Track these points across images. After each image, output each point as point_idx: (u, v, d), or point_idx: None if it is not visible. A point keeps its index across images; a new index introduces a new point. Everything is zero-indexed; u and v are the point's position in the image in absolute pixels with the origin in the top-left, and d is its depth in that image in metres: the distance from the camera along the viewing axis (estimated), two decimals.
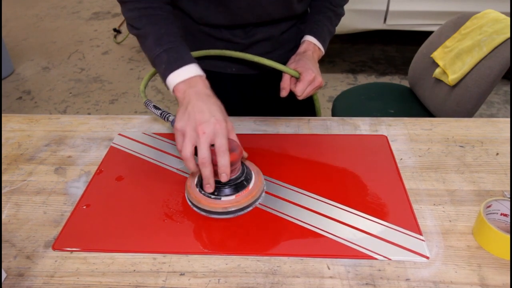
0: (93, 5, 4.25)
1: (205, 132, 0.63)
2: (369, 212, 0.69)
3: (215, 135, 0.64)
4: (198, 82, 0.71)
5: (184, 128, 0.65)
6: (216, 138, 0.64)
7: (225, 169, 0.64)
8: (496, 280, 0.58)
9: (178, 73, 0.71)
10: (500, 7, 1.69)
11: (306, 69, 0.84)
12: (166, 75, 0.72)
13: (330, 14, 0.95)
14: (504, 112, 2.43)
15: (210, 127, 0.64)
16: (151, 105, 0.82)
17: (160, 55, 0.74)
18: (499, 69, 1.24)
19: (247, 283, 0.59)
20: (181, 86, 0.71)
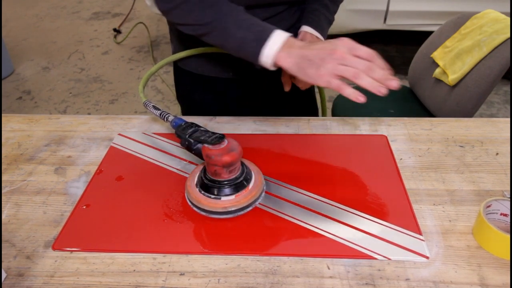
0: (93, 5, 4.25)
1: (343, 53, 0.65)
2: (369, 212, 0.69)
3: (350, 49, 0.65)
4: (293, 41, 0.70)
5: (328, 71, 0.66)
6: (352, 50, 0.65)
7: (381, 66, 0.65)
8: (496, 280, 0.58)
9: (271, 43, 0.70)
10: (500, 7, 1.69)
11: None
12: (259, 52, 0.71)
13: (326, 2, 0.92)
14: (504, 112, 2.43)
15: (340, 50, 0.65)
16: (151, 105, 0.82)
17: (245, 36, 0.72)
18: (499, 69, 1.24)
19: (247, 283, 0.59)
20: (282, 54, 0.70)
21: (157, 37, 3.52)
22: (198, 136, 0.70)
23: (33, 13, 4.10)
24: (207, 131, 0.72)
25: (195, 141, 0.70)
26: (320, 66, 0.66)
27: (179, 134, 0.73)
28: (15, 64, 3.11)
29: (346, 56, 0.65)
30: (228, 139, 0.69)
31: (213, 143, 0.67)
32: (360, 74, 0.65)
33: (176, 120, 0.76)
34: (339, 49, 0.65)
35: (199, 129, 0.73)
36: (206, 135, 0.70)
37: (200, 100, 1.04)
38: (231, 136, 0.71)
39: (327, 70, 0.66)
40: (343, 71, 0.66)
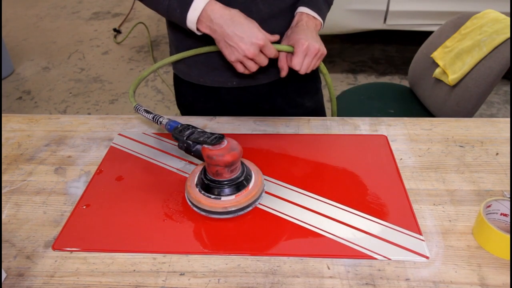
0: (93, 5, 4.25)
1: (252, 55, 0.74)
2: (369, 212, 0.69)
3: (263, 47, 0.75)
4: (214, 9, 0.74)
5: (238, 59, 0.76)
6: (265, 49, 0.75)
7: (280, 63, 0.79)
8: (496, 280, 0.58)
9: (192, 9, 0.74)
10: (500, 7, 1.68)
11: (297, 40, 0.80)
12: (184, 17, 0.75)
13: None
14: (504, 112, 2.43)
15: (255, 49, 0.74)
16: (142, 109, 0.82)
17: (170, 4, 0.76)
18: (499, 69, 1.24)
19: (247, 283, 0.59)
20: (202, 21, 0.75)
21: (157, 37, 3.52)
22: (196, 137, 0.70)
23: (33, 13, 4.09)
24: (205, 132, 0.71)
25: (193, 143, 0.70)
26: (233, 53, 0.75)
27: (176, 136, 0.73)
28: (15, 64, 3.11)
29: (254, 58, 0.75)
30: (228, 139, 0.69)
31: (213, 143, 0.67)
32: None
33: (170, 122, 0.76)
34: (250, 51, 0.74)
35: (196, 130, 0.73)
36: (205, 136, 0.70)
37: (202, 109, 1.03)
38: (231, 136, 0.71)
39: (236, 58, 0.76)
40: (248, 67, 0.77)
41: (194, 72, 0.97)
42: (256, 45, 0.74)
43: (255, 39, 0.73)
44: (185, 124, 0.75)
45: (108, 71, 3.03)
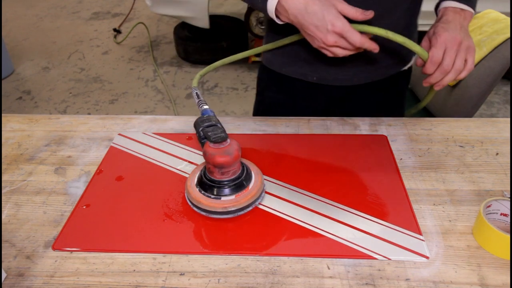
0: (93, 5, 4.25)
1: (335, 42, 0.69)
2: (369, 212, 0.69)
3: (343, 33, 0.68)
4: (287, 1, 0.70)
5: (320, 47, 0.72)
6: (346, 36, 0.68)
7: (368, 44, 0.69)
8: (496, 280, 0.58)
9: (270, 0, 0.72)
10: (500, 7, 1.68)
11: (435, 32, 0.72)
12: (265, 9, 0.73)
13: None
14: (504, 112, 2.43)
15: (333, 37, 0.69)
16: (195, 92, 0.84)
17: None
18: (499, 69, 1.24)
19: (247, 283, 0.59)
20: (281, 12, 0.72)
21: (157, 37, 3.52)
22: (207, 131, 0.70)
23: (33, 13, 4.09)
24: (220, 129, 0.71)
25: (203, 135, 0.71)
26: (313, 41, 0.72)
27: (196, 125, 0.74)
28: (15, 64, 3.11)
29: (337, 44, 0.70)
30: (231, 141, 0.69)
31: (215, 141, 0.67)
32: None
33: (204, 111, 0.77)
34: (328, 40, 0.69)
35: (216, 125, 0.73)
36: (215, 132, 0.70)
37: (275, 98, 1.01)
38: (232, 136, 0.71)
39: (319, 46, 0.72)
40: (334, 53, 0.72)
41: (278, 61, 0.96)
42: (332, 32, 0.68)
43: (331, 26, 0.68)
44: (212, 116, 0.76)
45: (108, 71, 3.03)
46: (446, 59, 0.71)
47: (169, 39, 3.44)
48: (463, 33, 0.73)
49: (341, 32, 0.68)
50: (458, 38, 0.71)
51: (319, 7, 0.68)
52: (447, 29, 0.72)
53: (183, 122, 0.94)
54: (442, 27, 0.73)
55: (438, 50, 0.71)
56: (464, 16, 0.76)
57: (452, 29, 0.72)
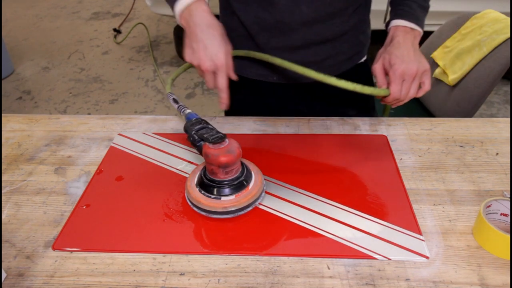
0: (93, 5, 4.25)
1: (207, 70, 0.71)
2: (369, 212, 0.69)
3: (217, 74, 0.71)
4: (198, 11, 0.73)
5: (191, 61, 0.73)
6: (217, 78, 0.71)
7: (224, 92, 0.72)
8: (496, 280, 0.58)
9: (180, 2, 0.74)
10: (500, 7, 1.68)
11: (392, 64, 0.73)
12: (173, 8, 0.76)
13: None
14: (504, 112, 2.43)
15: (211, 66, 0.70)
16: (172, 97, 0.83)
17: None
18: (499, 69, 1.24)
19: (247, 283, 0.59)
20: (183, 15, 0.75)
21: (157, 37, 3.52)
22: (202, 133, 0.70)
23: (33, 13, 4.09)
24: (213, 130, 0.72)
25: (199, 138, 0.71)
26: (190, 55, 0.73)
27: (186, 129, 0.74)
28: (15, 64, 3.11)
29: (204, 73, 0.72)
30: (230, 140, 0.69)
31: (214, 142, 0.67)
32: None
33: (189, 115, 0.77)
34: (205, 64, 0.71)
35: (207, 126, 0.73)
36: (210, 133, 0.70)
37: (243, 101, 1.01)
38: (231, 136, 0.71)
39: (190, 61, 0.74)
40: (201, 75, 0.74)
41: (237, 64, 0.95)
42: (213, 63, 0.70)
43: (216, 58, 0.70)
44: (200, 119, 0.75)
45: (108, 71, 3.03)
46: (403, 90, 0.74)
47: (169, 39, 3.44)
48: (417, 57, 0.75)
49: (218, 67, 0.71)
50: (414, 69, 0.73)
51: (220, 36, 0.72)
52: (403, 59, 0.73)
53: (183, 122, 0.94)
54: (397, 56, 0.74)
55: (397, 86, 0.74)
56: (414, 35, 0.78)
57: (406, 56, 0.74)
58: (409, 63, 0.73)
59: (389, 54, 0.76)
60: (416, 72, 0.73)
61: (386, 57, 0.76)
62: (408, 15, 0.79)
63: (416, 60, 0.74)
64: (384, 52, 0.78)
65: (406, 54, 0.74)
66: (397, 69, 0.73)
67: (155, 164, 0.82)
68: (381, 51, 0.80)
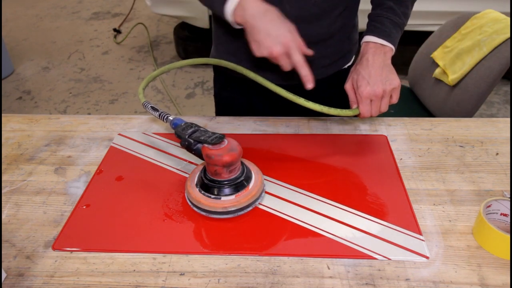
0: (93, 5, 4.25)
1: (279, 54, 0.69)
2: (369, 212, 0.69)
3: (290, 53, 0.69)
4: (248, 1, 0.71)
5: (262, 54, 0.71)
6: (291, 56, 0.69)
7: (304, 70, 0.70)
8: (496, 280, 0.58)
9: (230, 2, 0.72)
10: (500, 7, 1.69)
11: (359, 85, 0.76)
12: (223, 10, 0.73)
13: (390, 4, 0.82)
14: (504, 112, 2.43)
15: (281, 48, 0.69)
16: (149, 106, 0.82)
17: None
18: (499, 69, 1.24)
19: (247, 283, 0.59)
20: (237, 12, 0.72)
21: (157, 37, 3.52)
22: (198, 136, 0.70)
23: (33, 13, 4.09)
24: (207, 131, 0.72)
25: (195, 141, 0.70)
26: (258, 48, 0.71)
27: (179, 134, 0.73)
28: (15, 64, 3.11)
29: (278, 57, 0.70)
30: (228, 139, 0.69)
31: (213, 143, 0.67)
32: None
33: (175, 120, 0.76)
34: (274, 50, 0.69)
35: (199, 129, 0.73)
36: (206, 135, 0.70)
37: (244, 103, 1.01)
38: (231, 136, 0.71)
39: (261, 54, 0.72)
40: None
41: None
42: (281, 44, 0.69)
43: (283, 38, 0.69)
44: (189, 123, 0.75)
45: (108, 71, 3.03)
46: (373, 109, 0.78)
47: (169, 39, 3.44)
48: (384, 75, 0.76)
49: (289, 47, 0.69)
50: (379, 91, 0.75)
51: (278, 17, 0.71)
52: (369, 80, 0.76)
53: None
54: (363, 77, 0.76)
55: (365, 106, 0.77)
56: (385, 52, 0.79)
57: (373, 76, 0.76)
58: (374, 85, 0.75)
59: (357, 74, 0.78)
60: (382, 93, 0.75)
61: (354, 77, 0.79)
62: (379, 31, 0.80)
63: (383, 80, 0.75)
64: (353, 70, 0.80)
65: (373, 73, 0.76)
66: (362, 91, 0.76)
67: (155, 164, 0.82)
68: (352, 69, 0.82)
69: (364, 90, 0.75)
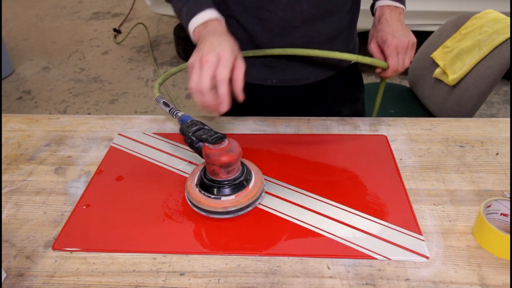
0: (93, 5, 4.25)
1: (208, 61, 0.63)
2: (369, 212, 0.69)
3: (218, 63, 0.63)
4: (214, 24, 0.72)
5: (193, 62, 0.65)
6: (218, 67, 0.63)
7: (224, 98, 0.63)
8: (496, 280, 0.58)
9: (195, 19, 0.74)
10: (500, 7, 1.68)
11: (384, 40, 0.80)
12: (187, 26, 0.75)
13: None
14: (504, 112, 2.43)
15: (214, 56, 0.63)
16: (162, 101, 0.83)
17: (181, 9, 0.77)
18: (499, 69, 1.24)
19: (247, 283, 0.59)
20: (198, 29, 0.73)
21: (157, 37, 3.52)
22: (200, 134, 0.70)
23: (33, 13, 4.09)
24: (211, 130, 0.72)
25: (197, 139, 0.70)
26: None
27: (183, 131, 0.73)
28: (15, 64, 3.11)
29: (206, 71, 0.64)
30: (229, 139, 0.69)
31: (214, 142, 0.67)
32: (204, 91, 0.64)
33: (183, 117, 0.77)
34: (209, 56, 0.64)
35: (204, 127, 0.73)
36: (208, 134, 0.70)
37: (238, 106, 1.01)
38: (231, 136, 0.71)
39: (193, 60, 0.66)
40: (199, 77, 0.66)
41: None
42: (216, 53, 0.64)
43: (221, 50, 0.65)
44: (195, 120, 0.75)
45: (108, 71, 3.03)
46: (399, 61, 0.82)
47: (169, 39, 3.44)
48: (405, 31, 0.82)
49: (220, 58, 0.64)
50: (406, 42, 0.80)
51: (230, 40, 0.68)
52: (393, 34, 0.80)
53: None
54: (388, 32, 0.81)
55: (394, 58, 0.81)
56: (399, 12, 0.85)
57: (396, 31, 0.81)
58: (400, 37, 0.80)
59: (380, 32, 0.82)
60: (408, 44, 0.80)
61: (378, 35, 0.83)
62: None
63: (405, 34, 0.81)
64: (374, 31, 0.85)
65: (396, 29, 0.81)
66: (390, 43, 0.80)
67: (155, 164, 0.82)
68: (371, 31, 0.86)
69: (391, 42, 0.79)
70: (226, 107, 0.64)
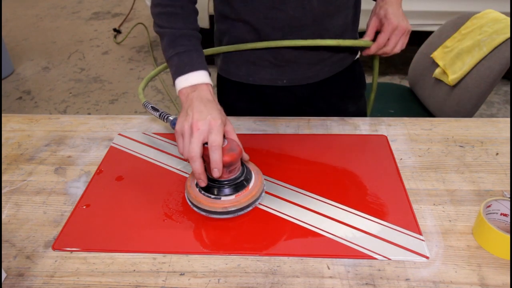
0: (93, 5, 4.25)
1: (199, 129, 0.65)
2: (368, 212, 0.69)
3: (209, 131, 0.65)
4: (203, 89, 0.71)
5: (182, 128, 0.67)
6: (210, 134, 0.65)
7: (217, 164, 0.64)
8: (496, 280, 0.58)
9: (185, 77, 0.72)
10: (500, 7, 1.68)
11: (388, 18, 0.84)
12: (175, 79, 0.74)
13: None
14: (504, 112, 2.43)
15: (205, 124, 0.65)
16: (150, 106, 0.82)
17: (172, 57, 0.75)
18: (499, 69, 1.24)
19: (247, 283, 0.59)
20: (186, 90, 0.72)
21: (157, 37, 3.51)
22: None
23: (33, 13, 4.09)
24: None
25: None
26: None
27: None
28: (15, 64, 3.11)
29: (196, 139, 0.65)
30: (228, 139, 0.69)
31: None
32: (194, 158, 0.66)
33: (175, 120, 0.76)
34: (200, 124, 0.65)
35: None
36: None
37: (246, 108, 1.01)
38: None
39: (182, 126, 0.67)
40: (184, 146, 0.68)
41: (243, 71, 0.96)
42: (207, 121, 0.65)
43: (212, 118, 0.66)
44: None
45: (108, 71, 3.03)
46: (390, 44, 0.86)
47: None
48: (405, 18, 0.86)
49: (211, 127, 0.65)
50: (404, 26, 0.84)
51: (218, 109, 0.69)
52: (397, 16, 0.84)
53: None
54: (393, 12, 0.84)
55: (385, 35, 0.85)
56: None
57: (398, 14, 0.85)
58: (402, 21, 0.84)
59: (384, 9, 0.86)
60: (405, 29, 0.84)
61: (381, 12, 0.86)
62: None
63: (405, 20, 0.85)
64: (378, 8, 0.87)
65: (398, 12, 0.85)
66: (391, 22, 0.84)
67: (155, 164, 0.82)
68: (375, 8, 0.89)
69: (393, 21, 0.83)
70: (218, 173, 0.65)
